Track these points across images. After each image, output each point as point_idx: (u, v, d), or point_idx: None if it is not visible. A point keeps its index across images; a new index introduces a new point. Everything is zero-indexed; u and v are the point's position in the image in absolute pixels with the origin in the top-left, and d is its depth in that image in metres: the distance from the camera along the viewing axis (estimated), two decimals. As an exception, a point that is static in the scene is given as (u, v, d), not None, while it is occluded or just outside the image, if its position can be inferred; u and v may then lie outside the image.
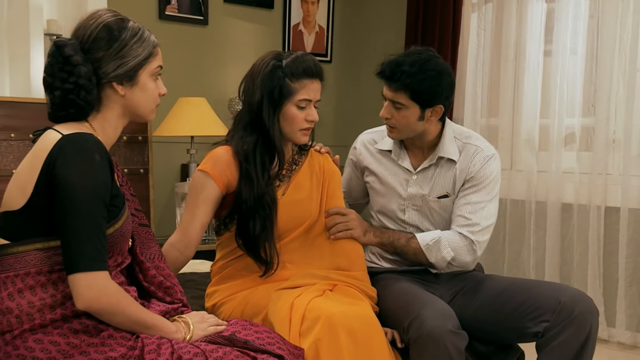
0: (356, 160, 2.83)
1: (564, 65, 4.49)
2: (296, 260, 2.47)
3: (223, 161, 2.40)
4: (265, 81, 2.36)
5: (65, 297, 1.84)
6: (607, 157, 4.32)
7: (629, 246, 4.24)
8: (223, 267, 2.52)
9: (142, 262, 2.05)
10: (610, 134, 4.33)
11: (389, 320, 2.41)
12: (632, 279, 4.23)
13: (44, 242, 1.85)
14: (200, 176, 2.41)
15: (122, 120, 2.00)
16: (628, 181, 4.24)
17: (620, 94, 4.28)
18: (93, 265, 1.79)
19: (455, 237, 2.56)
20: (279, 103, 2.37)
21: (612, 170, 4.36)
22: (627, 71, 4.25)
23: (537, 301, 2.42)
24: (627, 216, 4.24)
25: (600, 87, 4.33)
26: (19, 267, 1.84)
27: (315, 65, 2.40)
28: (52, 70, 1.91)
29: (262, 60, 2.42)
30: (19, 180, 1.86)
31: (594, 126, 4.40)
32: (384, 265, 2.74)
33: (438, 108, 2.58)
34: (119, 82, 1.94)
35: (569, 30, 4.49)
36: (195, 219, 2.39)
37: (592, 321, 2.35)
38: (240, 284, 2.46)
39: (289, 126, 2.40)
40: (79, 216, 1.78)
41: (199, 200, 2.39)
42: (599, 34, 4.37)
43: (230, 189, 2.41)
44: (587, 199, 4.40)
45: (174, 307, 2.04)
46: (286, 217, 2.44)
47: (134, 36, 1.94)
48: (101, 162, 1.83)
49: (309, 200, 2.50)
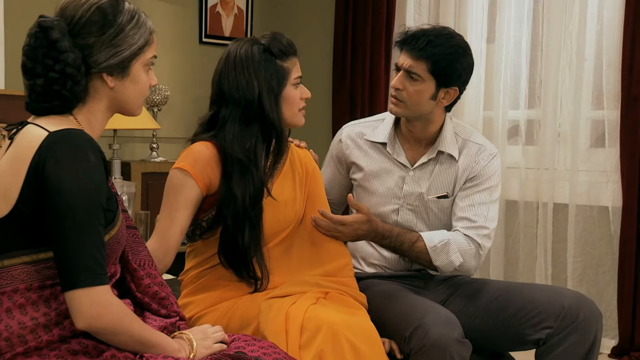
0: (341, 155, 2.80)
1: (508, 55, 4.60)
2: (280, 267, 2.43)
3: (204, 158, 2.33)
4: (258, 71, 2.34)
5: (60, 315, 1.74)
6: (553, 151, 4.46)
7: (578, 245, 4.39)
8: (197, 276, 2.44)
9: (134, 270, 1.95)
10: (557, 127, 4.46)
11: (385, 329, 2.39)
12: (581, 279, 4.38)
13: (32, 254, 1.74)
14: (179, 175, 2.33)
15: (108, 113, 1.91)
16: (576, 176, 4.38)
17: (567, 85, 4.42)
18: (95, 279, 1.70)
19: (462, 240, 2.57)
20: (279, 89, 2.36)
21: (559, 165, 4.49)
22: (573, 61, 4.39)
23: (538, 306, 2.46)
24: (575, 213, 4.39)
25: (546, 78, 4.46)
26: (4, 284, 1.73)
27: (289, 41, 2.43)
28: (34, 54, 1.79)
29: (243, 51, 2.37)
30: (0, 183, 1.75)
31: (539, 119, 4.53)
32: (367, 270, 2.74)
33: (452, 90, 2.60)
34: (109, 72, 1.84)
35: (512, 18, 4.61)
36: (174, 223, 2.31)
37: (597, 326, 2.41)
38: (220, 295, 2.40)
39: (290, 109, 2.40)
40: (76, 225, 1.68)
41: (178, 203, 2.31)
42: (544, 22, 4.50)
43: (211, 190, 2.34)
44: (533, 195, 4.53)
45: (171, 322, 1.96)
46: (270, 221, 2.39)
47: (130, 21, 1.85)
48: (96, 162, 1.74)
49: (292, 202, 2.45)
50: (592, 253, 4.38)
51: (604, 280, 4.35)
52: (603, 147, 4.34)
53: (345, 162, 2.79)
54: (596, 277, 4.37)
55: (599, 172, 4.36)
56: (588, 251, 4.39)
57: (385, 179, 2.71)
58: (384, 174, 2.71)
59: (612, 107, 4.27)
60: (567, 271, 4.41)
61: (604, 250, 4.35)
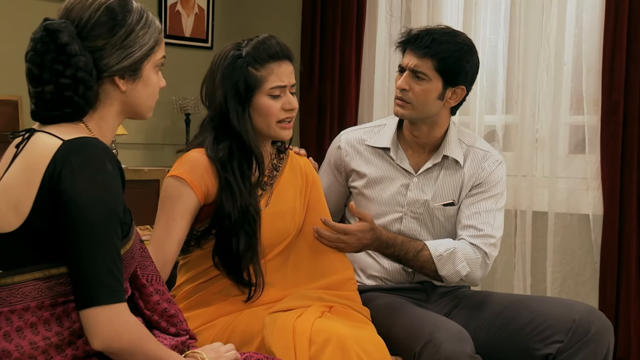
0: (340, 162, 2.80)
1: (485, 59, 4.63)
2: (280, 279, 2.43)
3: (200, 166, 2.32)
4: (226, 76, 2.33)
5: (73, 335, 1.72)
6: (532, 157, 4.51)
7: (557, 254, 4.44)
8: (193, 291, 2.42)
9: (143, 286, 1.93)
10: (535, 132, 4.52)
11: (392, 345, 2.39)
12: (561, 289, 4.43)
13: (44, 269, 1.71)
14: (175, 184, 2.31)
15: (119, 118, 1.89)
16: (555, 184, 4.44)
17: (545, 90, 4.47)
18: (113, 296, 1.68)
19: (469, 249, 2.59)
20: (246, 97, 2.33)
21: (537, 171, 4.55)
22: (552, 65, 4.45)
23: (547, 320, 2.49)
24: (555, 221, 4.44)
25: (524, 82, 4.51)
26: (15, 301, 1.70)
27: (279, 45, 2.38)
28: (41, 60, 1.76)
29: (220, 54, 2.38)
30: (9, 195, 1.71)
31: (517, 124, 4.57)
32: (366, 282, 2.74)
33: (459, 90, 2.64)
34: (121, 76, 1.82)
35: (488, 20, 4.65)
36: (171, 234, 2.29)
37: (609, 340, 2.45)
38: (218, 309, 2.38)
39: (264, 120, 2.36)
40: (95, 239, 1.66)
41: (174, 213, 2.30)
42: (522, 25, 4.54)
43: (209, 199, 2.33)
44: (511, 203, 4.56)
45: (182, 340, 1.95)
46: (270, 231, 2.39)
47: (139, 21, 1.84)
48: (113, 171, 1.72)
49: (292, 211, 2.45)
50: (572, 262, 4.43)
51: (584, 290, 4.41)
52: (583, 153, 4.40)
53: (345, 170, 2.80)
54: (576, 287, 4.43)
55: (579, 179, 4.42)
56: (568, 260, 4.44)
57: (388, 186, 2.72)
58: (386, 181, 2.72)
59: (592, 112, 4.33)
60: (546, 281, 4.46)
61: (585, 260, 4.41)
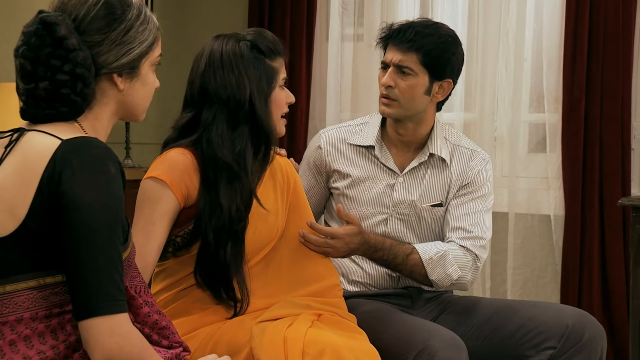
0: (321, 162, 2.80)
1: (442, 54, 4.67)
2: (261, 288, 2.41)
3: (181, 167, 2.29)
4: (248, 69, 2.33)
5: (69, 349, 1.69)
6: (491, 156, 4.53)
7: (518, 256, 4.51)
8: (170, 300, 2.39)
9: (132, 298, 1.89)
10: (494, 131, 4.58)
11: (382, 353, 2.39)
12: (522, 292, 4.50)
13: (39, 278, 1.68)
14: (153, 185, 2.28)
15: (113, 119, 1.87)
16: (515, 183, 4.52)
17: (505, 87, 4.54)
18: (115, 306, 1.65)
19: (459, 252, 2.62)
20: (269, 90, 2.36)
21: (497, 171, 4.60)
22: (511, 61, 4.52)
23: (539, 325, 2.52)
24: (515, 222, 4.52)
25: (483, 79, 4.58)
26: (6, 312, 1.67)
27: (277, 38, 2.44)
28: (35, 55, 1.72)
29: (229, 48, 2.36)
30: (3, 198, 1.67)
31: (476, 122, 4.63)
32: (349, 288, 2.74)
33: (446, 83, 2.66)
34: (119, 73, 1.80)
35: (446, 15, 4.69)
36: (150, 239, 2.26)
37: (602, 345, 2.50)
38: (198, 319, 2.35)
39: (276, 113, 2.41)
40: (97, 245, 1.64)
41: (153, 216, 2.26)
42: (480, 20, 4.61)
43: (189, 202, 2.31)
44: (470, 203, 4.61)
45: (176, 353, 1.92)
46: (251, 236, 2.37)
47: (138, 16, 1.83)
48: (116, 173, 1.70)
49: (275, 214, 2.44)
50: (532, 264, 4.51)
51: (545, 292, 4.50)
52: (544, 152, 4.50)
53: (325, 170, 2.80)
54: (537, 289, 4.51)
55: (540, 178, 4.51)
56: (529, 262, 4.52)
57: (372, 187, 2.72)
58: (370, 180, 2.73)
59: (553, 110, 4.43)
60: (506, 284, 4.52)
61: (546, 261, 4.49)
